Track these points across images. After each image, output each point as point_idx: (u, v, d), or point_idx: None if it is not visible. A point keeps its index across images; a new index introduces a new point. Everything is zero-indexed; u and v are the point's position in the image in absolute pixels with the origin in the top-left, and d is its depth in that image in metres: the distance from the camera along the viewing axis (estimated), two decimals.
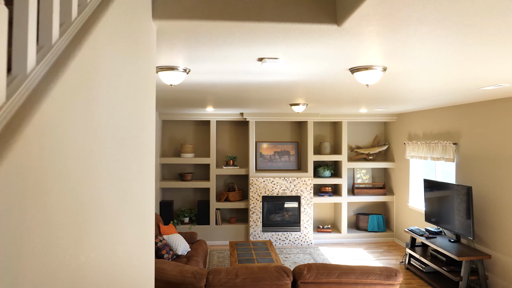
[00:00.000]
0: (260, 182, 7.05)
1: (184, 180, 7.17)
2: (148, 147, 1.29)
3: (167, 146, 7.55)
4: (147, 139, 1.51)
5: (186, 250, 5.15)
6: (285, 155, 7.60)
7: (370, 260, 6.25)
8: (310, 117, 7.07)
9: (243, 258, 5.02)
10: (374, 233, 7.35)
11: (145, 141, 1.42)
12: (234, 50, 2.27)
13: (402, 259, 6.30)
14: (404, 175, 6.96)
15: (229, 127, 7.65)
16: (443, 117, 5.77)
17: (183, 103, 5.37)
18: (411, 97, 4.49)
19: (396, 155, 7.34)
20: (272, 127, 7.66)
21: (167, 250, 4.82)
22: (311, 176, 7.12)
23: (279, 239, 7.08)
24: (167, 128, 7.55)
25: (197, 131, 7.61)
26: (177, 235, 5.20)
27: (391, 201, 7.48)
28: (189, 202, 7.58)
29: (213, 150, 7.13)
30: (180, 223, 7.12)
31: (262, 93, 4.12)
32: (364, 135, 7.88)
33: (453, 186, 5.17)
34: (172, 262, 3.44)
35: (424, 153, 6.12)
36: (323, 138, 7.81)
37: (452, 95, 4.27)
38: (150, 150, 1.31)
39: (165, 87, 3.74)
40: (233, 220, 7.25)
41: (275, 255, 5.14)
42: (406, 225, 6.88)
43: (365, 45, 2.14)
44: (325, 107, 5.96)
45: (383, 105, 5.57)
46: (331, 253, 6.59)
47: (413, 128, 6.69)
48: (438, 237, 5.45)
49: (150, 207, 1.65)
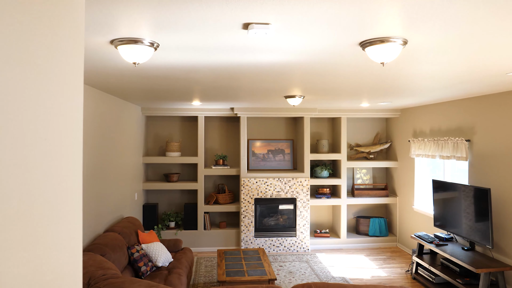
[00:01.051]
0: (252, 183, 6.48)
1: (169, 181, 6.57)
2: (67, 126, 0.74)
3: (152, 144, 6.95)
4: (59, 115, 0.91)
5: (168, 261, 4.56)
6: (280, 153, 7.03)
7: (373, 268, 5.70)
8: (307, 113, 6.51)
9: (232, 270, 4.44)
10: (376, 238, 6.81)
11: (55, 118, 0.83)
12: (213, 12, 1.70)
13: (408, 267, 5.76)
14: (409, 175, 6.43)
15: (219, 124, 7.06)
16: (453, 111, 5.24)
17: (165, 96, 4.78)
18: (424, 87, 3.94)
19: (399, 153, 6.80)
20: (265, 123, 7.09)
21: (145, 261, 4.23)
22: (308, 176, 6.56)
23: (273, 245, 6.51)
24: (151, 125, 6.95)
25: (184, 128, 7.02)
26: (158, 244, 4.61)
27: (394, 204, 6.94)
28: (175, 205, 6.99)
29: (201, 149, 6.54)
30: (165, 228, 6.53)
31: (253, 80, 3.54)
32: (364, 132, 7.33)
33: (467, 188, 4.63)
34: (144, 282, 2.86)
35: (432, 151, 5.58)
36: (321, 135, 7.26)
37: (472, 83, 3.72)
38: (71, 131, 0.75)
39: (136, 72, 3.15)
40: (223, 224, 6.67)
41: (268, 265, 4.56)
42: (411, 229, 6.35)
43: (385, 5, 1.58)
44: (324, 101, 5.40)
45: (387, 98, 5.02)
46: (330, 261, 6.04)
47: (418, 124, 6.15)
48: (450, 244, 4.91)
49: (71, 206, 1.04)
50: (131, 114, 5.71)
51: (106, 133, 4.53)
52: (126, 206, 5.42)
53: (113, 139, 4.80)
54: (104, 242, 3.80)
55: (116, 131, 4.95)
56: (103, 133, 4.41)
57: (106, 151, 4.54)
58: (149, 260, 4.34)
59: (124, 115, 5.34)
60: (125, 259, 4.03)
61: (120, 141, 5.13)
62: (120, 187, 5.15)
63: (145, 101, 5.43)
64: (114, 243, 3.90)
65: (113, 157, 4.83)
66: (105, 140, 4.51)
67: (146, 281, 2.88)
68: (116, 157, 4.94)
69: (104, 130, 4.47)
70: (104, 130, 4.47)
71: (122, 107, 5.22)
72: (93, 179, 4.10)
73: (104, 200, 4.48)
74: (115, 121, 4.92)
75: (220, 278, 4.17)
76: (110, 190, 4.72)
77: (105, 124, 4.50)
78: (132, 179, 5.77)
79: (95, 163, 4.15)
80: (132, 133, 5.76)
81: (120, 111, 5.13)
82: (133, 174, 5.83)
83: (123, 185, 5.30)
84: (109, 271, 3.06)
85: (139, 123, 6.24)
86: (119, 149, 5.10)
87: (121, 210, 5.19)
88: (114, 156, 4.86)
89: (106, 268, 3.10)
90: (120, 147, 5.13)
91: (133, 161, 5.83)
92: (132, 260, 4.15)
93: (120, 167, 5.15)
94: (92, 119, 4.06)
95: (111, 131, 4.72)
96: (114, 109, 4.85)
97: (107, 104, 4.56)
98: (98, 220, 4.25)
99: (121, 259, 3.90)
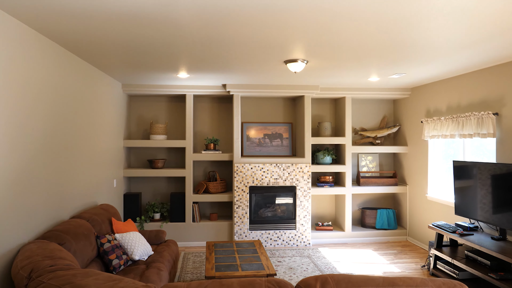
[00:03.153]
0: (246, 169, 5.78)
1: (154, 167, 5.86)
2: None
3: (135, 127, 6.23)
4: None
5: (147, 254, 3.85)
6: (277, 138, 6.34)
7: (384, 263, 5.03)
8: (308, 91, 5.83)
9: (222, 264, 3.74)
10: (384, 231, 6.14)
11: None
12: None
13: (424, 262, 5.09)
14: (421, 160, 5.77)
15: (210, 105, 6.36)
16: (476, 82, 4.59)
17: (146, 59, 4.08)
18: (445, 40, 3.26)
19: (409, 137, 6.14)
20: (261, 105, 6.40)
21: (118, 253, 3.51)
22: (309, 162, 5.88)
23: (270, 239, 5.82)
24: (134, 105, 6.23)
25: (170, 110, 6.30)
26: (135, 234, 3.89)
27: (403, 193, 6.28)
28: (160, 194, 6.26)
29: (189, 132, 5.83)
30: (148, 220, 5.80)
31: (244, 30, 2.85)
32: (370, 115, 6.67)
33: (497, 167, 3.97)
34: (103, 274, 2.15)
35: (450, 130, 4.93)
36: (322, 118, 6.58)
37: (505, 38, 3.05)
38: None
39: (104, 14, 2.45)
40: (214, 216, 5.96)
41: (265, 259, 3.87)
42: (425, 220, 5.68)
43: None
44: (329, 71, 4.72)
45: (400, 66, 4.36)
46: (334, 256, 5.35)
47: (432, 102, 5.49)
48: (475, 234, 4.25)
49: None
50: (109, 89, 4.99)
51: (74, 107, 3.81)
52: (101, 193, 4.70)
53: (85, 115, 4.08)
54: (65, 229, 3.08)
55: (90, 107, 4.23)
56: (69, 105, 3.69)
57: (74, 127, 3.81)
58: (124, 252, 3.63)
59: (101, 90, 4.62)
60: (93, 251, 3.31)
61: (95, 119, 4.41)
62: (94, 171, 4.43)
63: (123, 69, 4.71)
64: (78, 230, 3.18)
65: (85, 136, 4.11)
66: (73, 114, 3.79)
67: (107, 274, 2.17)
68: (89, 137, 4.22)
69: (72, 103, 3.75)
70: (72, 103, 3.75)
71: (99, 80, 4.50)
72: (53, 156, 3.38)
73: (71, 182, 3.76)
74: (90, 95, 4.21)
75: (208, 273, 3.47)
76: (81, 172, 4.00)
77: (75, 96, 3.78)
78: (110, 163, 5.05)
79: (56, 138, 3.43)
80: (110, 111, 5.04)
81: (96, 84, 4.41)
82: (111, 158, 5.11)
83: (98, 170, 4.58)
84: (61, 261, 2.35)
85: (119, 102, 5.52)
86: (94, 129, 4.38)
87: (95, 196, 4.46)
88: (86, 135, 4.14)
89: (56, 258, 2.39)
90: (95, 126, 4.41)
91: (111, 144, 5.11)
92: (101, 252, 3.43)
93: (95, 148, 4.43)
94: (54, 85, 3.34)
95: (83, 106, 4.00)
96: (88, 80, 4.13)
97: (78, 71, 3.84)
98: (61, 204, 3.53)
99: (87, 250, 3.18)
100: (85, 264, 3.14)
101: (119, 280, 2.08)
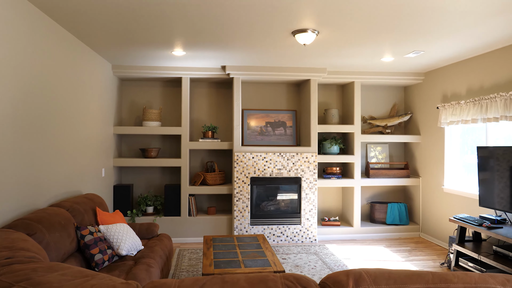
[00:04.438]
0: (248, 158, 5.32)
1: (147, 156, 5.39)
2: None
3: (126, 114, 5.76)
4: None
5: (136, 249, 3.39)
6: (280, 126, 5.89)
7: (399, 261, 4.59)
8: (315, 74, 5.38)
9: (222, 260, 3.28)
10: (395, 227, 5.69)
11: None
12: None
13: (442, 259, 4.65)
14: (436, 149, 5.33)
15: (207, 91, 5.90)
16: (503, 61, 4.15)
17: (135, 31, 3.62)
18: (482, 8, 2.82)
19: (422, 125, 5.70)
20: (263, 91, 5.95)
21: (102, 247, 3.04)
22: (315, 151, 5.43)
23: (272, 234, 5.36)
24: (126, 90, 5.76)
25: (165, 95, 5.84)
26: (122, 225, 3.43)
27: (416, 185, 5.84)
28: (154, 186, 5.80)
29: (185, 118, 5.37)
30: (141, 214, 5.33)
31: None
32: (379, 103, 6.23)
33: None
34: (75, 269, 1.69)
35: (472, 114, 4.49)
36: (329, 105, 6.13)
37: None
38: None
39: None
40: (212, 210, 5.50)
41: (271, 254, 3.41)
42: (440, 215, 5.24)
43: None
44: (339, 47, 4.27)
45: (421, 40, 3.92)
46: (344, 253, 4.90)
47: (450, 86, 5.06)
48: (504, 227, 3.81)
49: None
50: (98, 70, 4.52)
51: (54, 83, 3.34)
52: (87, 182, 4.22)
53: (68, 95, 3.60)
54: (37, 217, 2.61)
55: (74, 87, 3.76)
56: (48, 81, 3.22)
57: (54, 107, 3.34)
58: (109, 246, 3.16)
59: (87, 69, 4.15)
60: (71, 243, 2.84)
61: (80, 101, 3.95)
62: (79, 158, 3.96)
63: (112, 44, 4.25)
64: (53, 220, 2.72)
65: (68, 119, 3.64)
66: (52, 91, 3.31)
67: (77, 269, 1.71)
68: (73, 120, 3.76)
69: (53, 79, 3.28)
70: (53, 79, 3.28)
71: (85, 56, 4.03)
72: (26, 137, 2.92)
73: (49, 168, 3.29)
74: (74, 73, 3.73)
75: (206, 270, 3.00)
76: (62, 158, 3.53)
77: (55, 71, 3.31)
78: (98, 151, 4.58)
79: (30, 116, 2.97)
80: (99, 94, 4.57)
81: (82, 61, 3.94)
82: (99, 145, 4.63)
83: (84, 157, 4.11)
84: (21, 253, 1.89)
85: (109, 85, 5.05)
86: (79, 111, 3.91)
87: (79, 186, 3.99)
88: (69, 118, 3.67)
89: (17, 249, 1.92)
90: (80, 108, 3.94)
91: (99, 130, 4.64)
92: (82, 245, 2.96)
93: (80, 133, 3.96)
94: (28, 53, 2.87)
95: (66, 84, 3.53)
96: (73, 55, 3.66)
97: (61, 43, 3.37)
98: (37, 191, 3.06)
99: (63, 243, 2.71)
100: (60, 259, 2.67)
101: (92, 276, 1.62)
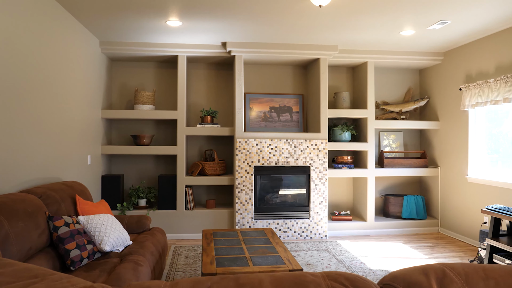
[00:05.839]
0: (251, 146, 4.80)
1: (139, 144, 4.86)
2: None
3: (117, 97, 5.22)
4: None
5: (123, 244, 2.86)
6: (286, 112, 5.38)
7: (421, 258, 4.08)
8: (324, 52, 4.86)
9: (226, 257, 2.76)
10: (411, 222, 5.19)
11: None
12: None
13: (471, 256, 4.15)
14: (458, 136, 4.83)
15: (206, 72, 5.37)
16: None
17: None
18: None
19: (441, 110, 5.20)
20: (267, 73, 5.43)
21: (80, 241, 2.51)
22: (325, 138, 4.92)
23: (279, 230, 4.84)
24: (116, 71, 5.22)
25: (160, 76, 5.30)
26: (107, 216, 2.89)
27: (434, 176, 5.34)
28: (147, 177, 5.26)
29: (182, 101, 4.84)
30: (132, 207, 4.80)
31: None
32: (393, 87, 5.73)
33: None
34: (21, 266, 1.17)
35: (503, 93, 4.00)
36: (339, 88, 5.62)
37: None
38: None
39: None
40: (211, 203, 4.97)
41: (283, 250, 2.89)
42: (463, 208, 4.74)
43: None
44: (356, 15, 3.76)
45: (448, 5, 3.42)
46: (359, 250, 4.40)
47: (474, 64, 4.56)
48: None
49: None
50: (84, 45, 3.98)
51: (35, 55, 2.80)
52: (69, 169, 3.69)
53: (44, 70, 3.07)
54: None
55: (57, 61, 3.22)
56: (27, 51, 2.69)
57: (33, 80, 2.81)
58: (89, 241, 2.63)
59: (73, 44, 3.62)
60: (41, 236, 2.31)
61: (64, 78, 3.41)
62: (60, 141, 3.43)
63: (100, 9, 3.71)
64: (16, 207, 2.18)
65: (49, 96, 3.11)
66: (25, 64, 2.78)
67: (23, 266, 1.18)
68: (54, 99, 3.22)
69: (31, 49, 2.74)
70: (31, 49, 2.74)
71: (70, 28, 3.49)
72: None
73: (22, 148, 2.76)
74: (57, 46, 3.19)
75: (207, 269, 2.48)
76: (37, 141, 3.00)
77: (37, 42, 2.78)
78: (82, 136, 4.04)
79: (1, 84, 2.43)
80: (84, 73, 4.03)
81: (67, 34, 3.40)
82: (84, 129, 4.10)
83: (66, 140, 3.57)
84: None
85: (96, 64, 4.51)
86: (62, 90, 3.38)
87: (59, 172, 3.46)
88: (49, 95, 3.14)
89: None
90: (63, 87, 3.41)
91: (85, 113, 4.10)
92: (55, 238, 2.43)
93: (61, 115, 3.43)
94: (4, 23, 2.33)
95: (46, 56, 2.99)
96: (56, 26, 3.13)
97: (44, 12, 2.84)
98: (3, 175, 2.53)
99: (30, 235, 2.18)
100: (24, 255, 2.14)
101: (42, 278, 1.10)
